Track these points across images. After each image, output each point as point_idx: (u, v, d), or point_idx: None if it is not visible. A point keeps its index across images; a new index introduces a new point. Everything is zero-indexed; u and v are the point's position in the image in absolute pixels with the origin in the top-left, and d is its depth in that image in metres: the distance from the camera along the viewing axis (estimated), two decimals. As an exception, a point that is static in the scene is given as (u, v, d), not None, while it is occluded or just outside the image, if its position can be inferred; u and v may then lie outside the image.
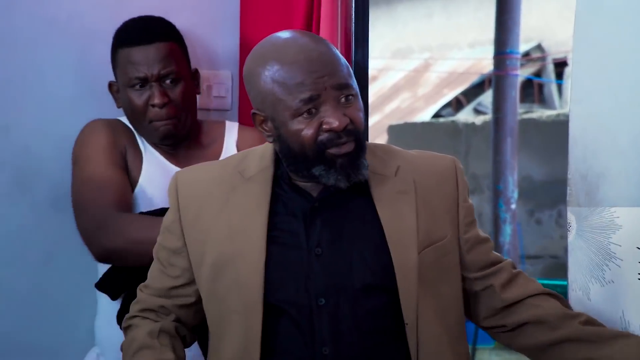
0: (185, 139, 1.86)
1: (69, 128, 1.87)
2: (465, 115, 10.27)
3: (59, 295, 1.98)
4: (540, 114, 8.63)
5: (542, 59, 10.96)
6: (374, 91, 10.48)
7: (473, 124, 8.72)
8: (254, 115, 1.37)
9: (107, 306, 1.80)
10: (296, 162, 1.35)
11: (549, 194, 7.67)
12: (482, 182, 7.85)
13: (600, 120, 1.50)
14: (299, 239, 1.35)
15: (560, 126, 7.64)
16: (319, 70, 1.30)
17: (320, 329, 1.33)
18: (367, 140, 1.55)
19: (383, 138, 8.97)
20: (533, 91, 10.93)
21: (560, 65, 10.63)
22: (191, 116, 1.85)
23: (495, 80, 7.13)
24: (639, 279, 1.43)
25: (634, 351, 1.34)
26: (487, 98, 10.20)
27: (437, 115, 10.54)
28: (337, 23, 1.98)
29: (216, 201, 1.39)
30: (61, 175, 1.87)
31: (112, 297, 1.77)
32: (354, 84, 1.35)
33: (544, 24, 10.28)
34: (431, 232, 1.37)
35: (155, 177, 1.80)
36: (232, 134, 1.92)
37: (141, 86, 1.79)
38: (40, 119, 1.97)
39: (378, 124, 9.90)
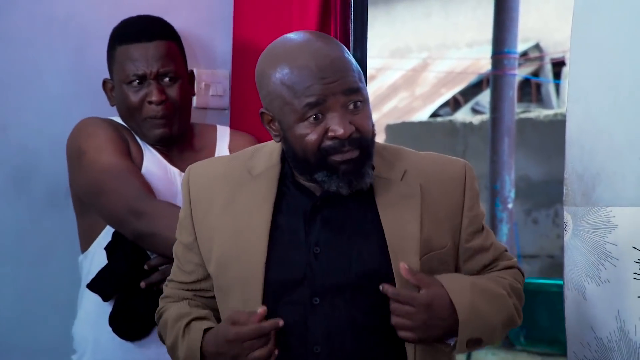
0: (178, 140, 1.85)
1: (66, 127, 1.86)
2: (463, 115, 10.28)
3: (56, 294, 1.97)
4: (537, 113, 8.64)
5: (540, 58, 10.97)
6: (371, 90, 10.48)
7: (471, 123, 8.72)
8: (262, 114, 1.37)
9: (92, 307, 1.78)
10: (299, 166, 1.35)
11: (546, 194, 7.67)
12: (479, 181, 7.84)
13: (597, 120, 1.50)
14: (298, 237, 1.36)
15: (557, 126, 7.64)
16: (329, 77, 1.30)
17: (313, 328, 1.33)
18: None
19: (380, 137, 8.98)
20: (531, 91, 10.94)
21: (558, 65, 10.64)
22: (186, 117, 1.85)
23: (493, 80, 7.13)
24: (635, 278, 1.43)
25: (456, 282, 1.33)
26: (484, 98, 10.20)
27: (435, 114, 10.54)
28: (335, 22, 1.98)
29: (223, 198, 1.39)
30: (58, 174, 1.87)
31: (104, 298, 1.75)
32: (364, 89, 1.34)
33: (541, 24, 10.29)
34: (433, 239, 1.37)
35: (155, 174, 1.80)
36: (224, 138, 1.92)
37: (139, 83, 1.79)
38: (38, 118, 1.96)
39: (376, 123, 9.87)
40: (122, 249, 1.74)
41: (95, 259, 1.78)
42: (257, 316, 1.29)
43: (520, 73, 9.54)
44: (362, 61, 2.04)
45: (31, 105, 1.96)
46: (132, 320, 1.74)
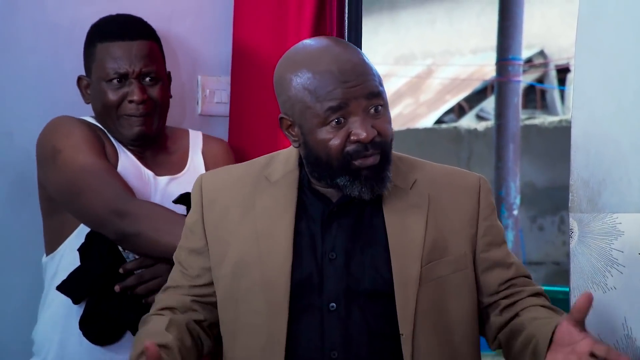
0: (152, 142, 1.84)
1: (71, 133, 1.86)
2: (468, 122, 10.28)
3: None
4: (542, 120, 8.64)
5: (545, 65, 10.97)
6: (376, 97, 10.45)
7: (475, 130, 8.72)
8: (281, 119, 1.38)
9: (59, 310, 1.75)
10: (320, 170, 1.36)
11: (551, 200, 7.67)
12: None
13: (602, 126, 1.50)
14: (315, 243, 1.37)
15: (562, 132, 7.64)
16: (351, 81, 1.31)
17: (330, 333, 1.34)
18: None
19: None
20: (535, 97, 10.93)
21: (563, 72, 10.64)
22: (163, 118, 1.84)
23: (498, 87, 7.14)
24: (641, 285, 1.43)
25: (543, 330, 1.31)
26: (489, 104, 10.20)
27: (440, 121, 10.55)
28: (330, 28, 1.98)
29: (242, 204, 1.40)
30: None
31: (74, 300, 1.71)
32: (384, 94, 1.35)
33: (546, 30, 10.29)
34: (441, 247, 1.37)
35: (130, 175, 1.77)
36: (196, 143, 1.90)
37: (119, 81, 1.76)
38: (42, 124, 1.96)
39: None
40: (97, 251, 1.70)
41: (64, 260, 1.75)
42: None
43: (525, 79, 9.54)
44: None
45: (36, 111, 1.96)
46: (103, 324, 1.71)
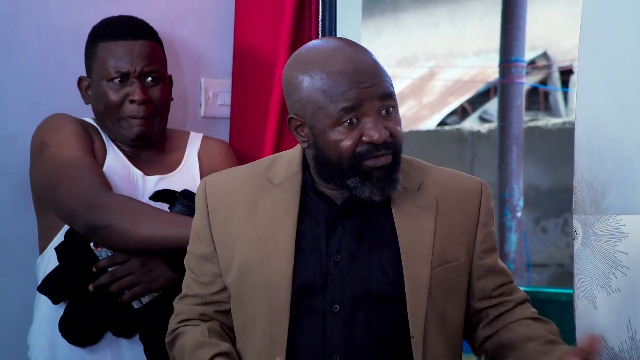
0: (153, 144, 1.83)
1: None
2: (471, 124, 10.27)
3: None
4: (545, 122, 8.62)
5: (548, 67, 10.95)
6: (379, 99, 10.44)
7: (478, 132, 8.71)
8: (290, 119, 1.37)
9: (47, 312, 1.74)
10: (330, 171, 1.35)
11: (555, 202, 7.65)
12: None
13: (606, 127, 1.49)
14: (320, 245, 1.36)
15: (565, 134, 7.62)
16: (366, 81, 1.31)
17: (332, 335, 1.34)
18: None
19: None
20: (539, 99, 10.92)
21: (566, 73, 10.62)
22: (164, 120, 1.83)
23: (501, 88, 7.12)
24: (646, 287, 1.42)
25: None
26: (492, 106, 10.19)
27: (443, 123, 10.54)
28: (309, 24, 2.00)
29: (245, 206, 1.40)
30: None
31: (53, 300, 1.70)
32: (395, 96, 1.35)
33: (549, 32, 10.28)
34: (446, 252, 1.37)
35: (116, 174, 1.77)
36: (194, 144, 1.89)
37: (120, 81, 1.75)
38: (46, 127, 1.97)
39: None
40: (70, 249, 1.69)
41: (52, 260, 1.74)
42: None
43: (528, 81, 9.53)
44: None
45: (40, 115, 1.96)
46: (81, 324, 1.69)
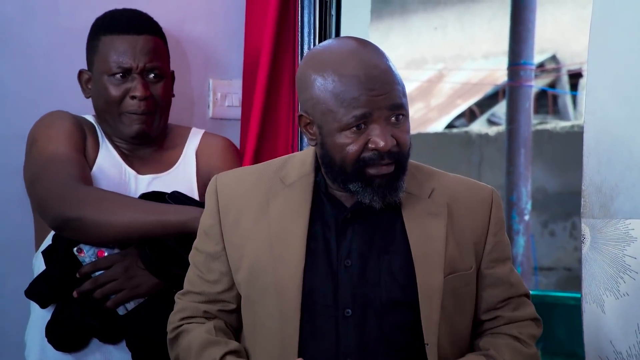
0: (153, 141, 1.80)
1: (83, 137, 1.87)
2: (479, 126, 10.24)
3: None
4: (554, 125, 8.60)
5: (557, 70, 10.92)
6: (387, 101, 10.41)
7: (486, 134, 8.69)
8: (300, 117, 1.37)
9: (40, 312, 1.71)
10: (334, 173, 1.36)
11: (563, 206, 7.62)
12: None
13: (615, 131, 1.49)
14: (330, 248, 1.36)
15: (574, 137, 7.59)
16: (377, 89, 1.30)
17: (345, 340, 1.33)
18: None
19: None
20: (547, 102, 10.88)
21: (575, 77, 10.58)
22: (165, 118, 1.80)
23: (509, 91, 7.10)
24: (654, 291, 1.42)
25: None
26: (500, 109, 10.16)
27: (451, 125, 10.51)
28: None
29: (256, 206, 1.39)
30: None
31: (41, 305, 1.69)
32: (406, 104, 1.35)
33: (558, 35, 10.24)
34: (457, 259, 1.37)
35: (106, 173, 1.75)
36: (194, 140, 1.86)
37: (122, 76, 1.73)
38: (55, 127, 1.97)
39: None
40: (55, 253, 1.67)
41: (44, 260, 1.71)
42: None
43: (537, 84, 9.50)
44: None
45: (49, 115, 1.97)
46: (66, 331, 1.66)
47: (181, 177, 1.81)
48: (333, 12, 2.06)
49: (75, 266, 1.66)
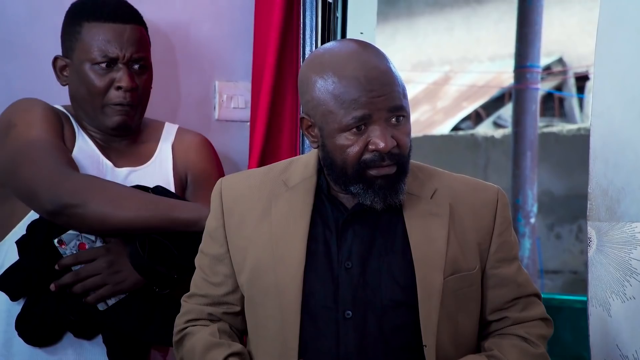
0: (131, 133, 1.75)
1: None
2: (485, 129, 10.23)
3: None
4: (560, 127, 8.58)
5: (563, 72, 10.91)
6: (393, 104, 10.40)
7: (492, 137, 8.68)
8: (301, 119, 1.38)
9: (3, 306, 1.64)
10: (335, 174, 1.36)
11: (569, 209, 7.61)
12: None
13: (622, 134, 1.48)
14: (330, 250, 1.36)
15: (580, 140, 7.58)
16: (377, 90, 1.30)
17: (345, 341, 1.33)
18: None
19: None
20: (553, 105, 10.87)
21: (582, 79, 10.57)
22: (143, 110, 1.75)
23: (516, 94, 7.09)
24: (661, 295, 1.41)
25: None
26: (507, 111, 10.16)
27: (457, 128, 10.51)
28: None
29: (259, 208, 1.40)
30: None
31: (11, 297, 1.61)
32: (407, 105, 1.34)
33: (565, 37, 10.23)
34: (459, 260, 1.36)
35: (82, 163, 1.68)
36: (169, 135, 1.81)
37: (107, 66, 1.67)
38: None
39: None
40: (33, 244, 1.60)
41: (10, 252, 1.64)
42: None
43: (543, 87, 9.49)
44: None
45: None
46: (40, 324, 1.60)
47: (158, 171, 1.76)
48: (338, 14, 2.06)
49: (53, 258, 1.60)
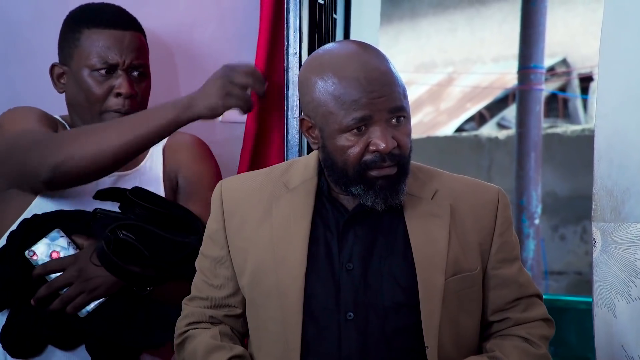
0: None
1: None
2: (489, 130, 10.23)
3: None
4: (564, 129, 8.57)
5: (567, 73, 10.89)
6: (397, 105, 10.40)
7: (496, 138, 8.67)
8: (302, 121, 1.38)
9: None
10: (336, 175, 1.36)
11: (574, 210, 7.60)
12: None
13: (626, 135, 1.48)
14: (331, 252, 1.36)
15: (584, 141, 7.57)
16: (377, 91, 1.30)
17: (347, 343, 1.33)
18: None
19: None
20: (557, 106, 10.86)
21: (586, 80, 10.55)
22: None
23: (519, 95, 7.09)
24: (666, 296, 1.41)
25: None
26: (510, 112, 10.15)
27: (460, 129, 10.50)
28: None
29: (259, 210, 1.40)
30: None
31: None
32: (407, 106, 1.35)
33: (569, 38, 10.22)
34: (461, 261, 1.36)
35: None
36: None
37: (107, 72, 1.67)
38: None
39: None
40: (8, 256, 1.60)
41: None
42: None
43: (547, 88, 9.48)
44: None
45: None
46: (22, 336, 1.60)
47: (147, 175, 1.75)
48: (336, 16, 2.05)
49: (28, 269, 1.60)
